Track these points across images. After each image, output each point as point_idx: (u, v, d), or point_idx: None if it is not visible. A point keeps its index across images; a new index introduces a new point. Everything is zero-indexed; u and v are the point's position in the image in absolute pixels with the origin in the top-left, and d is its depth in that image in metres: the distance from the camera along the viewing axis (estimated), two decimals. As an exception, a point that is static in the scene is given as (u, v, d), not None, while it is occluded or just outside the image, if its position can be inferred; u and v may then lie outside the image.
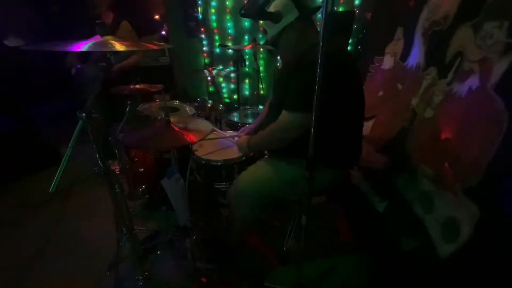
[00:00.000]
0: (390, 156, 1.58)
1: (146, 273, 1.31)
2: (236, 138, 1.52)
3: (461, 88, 1.09)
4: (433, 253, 1.13)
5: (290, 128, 1.10)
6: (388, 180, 1.53)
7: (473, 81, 1.03)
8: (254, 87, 3.67)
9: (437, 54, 1.29)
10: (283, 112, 1.12)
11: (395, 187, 1.47)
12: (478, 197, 0.98)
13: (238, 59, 2.84)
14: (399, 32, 1.72)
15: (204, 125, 1.27)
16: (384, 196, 1.57)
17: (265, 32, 1.25)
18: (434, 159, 1.25)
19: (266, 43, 1.35)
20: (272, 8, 1.16)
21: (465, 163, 1.05)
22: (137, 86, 1.68)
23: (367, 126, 1.83)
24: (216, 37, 3.51)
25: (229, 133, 1.70)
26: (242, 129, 1.62)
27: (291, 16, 1.13)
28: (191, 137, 1.10)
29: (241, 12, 1.23)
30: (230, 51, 3.55)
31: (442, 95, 1.21)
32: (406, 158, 1.42)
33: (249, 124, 1.93)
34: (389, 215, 1.51)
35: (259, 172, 1.27)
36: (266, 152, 1.44)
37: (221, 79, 3.73)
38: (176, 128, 1.14)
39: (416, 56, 1.51)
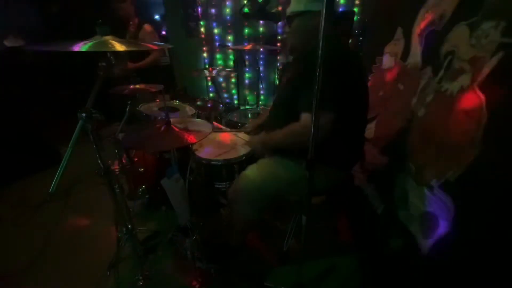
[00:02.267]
0: (390, 157, 1.58)
1: (146, 273, 1.31)
2: (242, 134, 1.50)
3: (452, 87, 1.09)
4: (417, 251, 1.16)
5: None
6: (387, 182, 1.54)
7: (464, 80, 1.03)
8: (254, 87, 3.67)
9: (432, 54, 1.30)
10: (305, 114, 1.07)
11: (390, 188, 1.48)
12: (455, 191, 1.01)
13: (238, 59, 2.85)
14: (399, 32, 1.72)
15: (205, 126, 1.26)
16: (383, 198, 1.58)
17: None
18: (418, 157, 1.28)
19: (273, 15, 1.25)
20: None
21: (446, 160, 1.07)
22: (137, 86, 1.68)
23: (371, 128, 1.83)
24: (216, 37, 3.51)
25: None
26: (247, 126, 1.61)
27: (320, 5, 1.10)
28: (191, 138, 1.10)
29: (240, 12, 1.23)
30: (230, 51, 3.56)
31: (433, 94, 1.22)
32: (403, 159, 1.43)
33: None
34: (383, 216, 1.53)
35: (259, 171, 1.26)
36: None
37: (221, 79, 3.74)
38: (176, 129, 1.14)
39: (414, 55, 1.51)
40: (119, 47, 0.89)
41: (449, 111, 1.10)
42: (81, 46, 0.83)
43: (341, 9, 3.07)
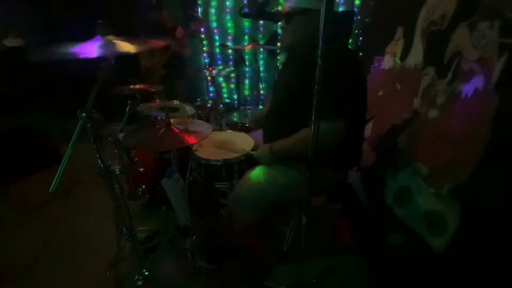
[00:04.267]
0: (386, 155, 1.58)
1: (146, 273, 1.31)
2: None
3: (467, 88, 1.09)
4: (425, 248, 1.15)
5: (331, 137, 1.04)
6: (381, 180, 1.54)
7: (477, 81, 1.03)
8: (254, 87, 3.67)
9: (435, 54, 1.30)
10: (322, 122, 1.02)
11: (379, 183, 1.49)
12: (462, 194, 1.01)
13: (238, 59, 2.85)
14: (399, 32, 1.72)
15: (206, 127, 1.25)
16: (374, 195, 1.58)
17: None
18: (433, 158, 1.26)
19: (273, 15, 1.21)
20: None
21: (459, 162, 1.06)
22: (137, 86, 1.68)
23: (368, 128, 1.84)
24: (216, 37, 3.51)
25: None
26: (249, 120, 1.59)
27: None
28: (191, 138, 1.10)
29: (240, 12, 1.23)
30: (230, 51, 3.56)
31: (445, 96, 1.22)
32: (397, 155, 1.43)
33: (248, 124, 1.93)
34: (377, 214, 1.53)
35: (259, 177, 1.26)
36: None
37: (221, 79, 3.74)
38: (176, 130, 1.14)
39: (415, 55, 1.51)
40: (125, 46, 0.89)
41: (465, 113, 1.09)
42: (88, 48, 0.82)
43: (341, 9, 3.07)
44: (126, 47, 0.91)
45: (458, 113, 1.13)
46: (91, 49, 0.85)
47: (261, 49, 2.53)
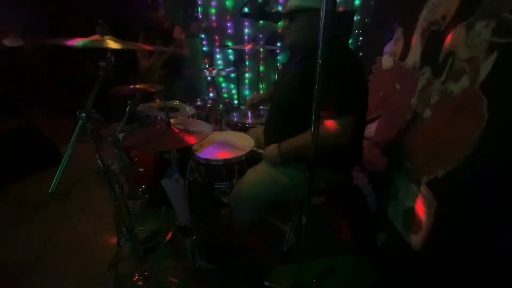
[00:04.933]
0: (390, 157, 1.58)
1: (146, 273, 1.31)
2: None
3: (455, 88, 1.10)
4: (404, 245, 1.17)
5: (340, 134, 1.04)
6: (385, 182, 1.54)
7: (465, 81, 1.04)
8: (254, 87, 3.67)
9: (432, 54, 1.30)
10: (340, 118, 1.03)
11: (387, 188, 1.49)
12: (439, 189, 1.03)
13: (238, 59, 2.86)
14: (399, 32, 1.72)
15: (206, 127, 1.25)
16: (380, 197, 1.58)
17: None
18: (416, 155, 1.28)
19: (272, 16, 1.21)
20: None
21: (440, 158, 1.08)
22: (137, 86, 1.68)
23: (372, 128, 1.83)
24: (216, 37, 3.51)
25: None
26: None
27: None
28: (191, 139, 1.10)
29: (240, 12, 1.23)
30: (230, 51, 3.56)
31: (438, 95, 1.23)
32: (400, 158, 1.43)
33: (249, 124, 1.93)
34: (377, 215, 1.53)
35: (259, 177, 1.26)
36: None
37: (221, 79, 3.74)
38: (176, 130, 1.14)
39: (414, 55, 1.52)
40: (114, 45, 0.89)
41: (451, 112, 1.10)
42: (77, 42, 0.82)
43: (341, 9, 3.07)
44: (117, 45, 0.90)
45: (446, 112, 1.15)
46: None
47: (261, 49, 2.52)
